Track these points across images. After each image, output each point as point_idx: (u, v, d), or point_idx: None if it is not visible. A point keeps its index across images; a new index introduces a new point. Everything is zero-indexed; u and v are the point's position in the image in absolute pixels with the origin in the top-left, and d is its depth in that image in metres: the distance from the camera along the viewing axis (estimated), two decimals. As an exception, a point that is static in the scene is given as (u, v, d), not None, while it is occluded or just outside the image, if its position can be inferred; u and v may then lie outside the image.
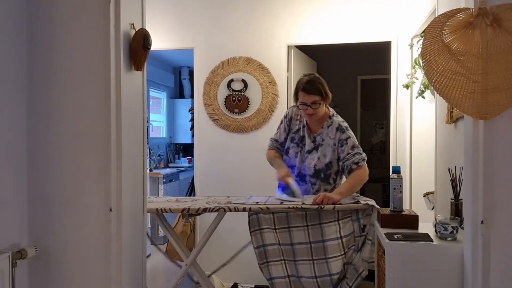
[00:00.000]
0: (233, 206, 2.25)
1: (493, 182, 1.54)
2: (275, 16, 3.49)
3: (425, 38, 1.66)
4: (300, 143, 2.48)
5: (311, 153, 2.44)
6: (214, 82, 3.57)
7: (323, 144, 2.42)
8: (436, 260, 1.71)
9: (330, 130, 2.42)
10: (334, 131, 2.40)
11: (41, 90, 1.74)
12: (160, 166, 5.74)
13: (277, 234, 2.25)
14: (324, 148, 2.41)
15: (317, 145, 2.44)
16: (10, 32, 1.67)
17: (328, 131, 2.42)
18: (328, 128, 2.43)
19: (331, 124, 2.43)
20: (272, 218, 2.26)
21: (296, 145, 2.49)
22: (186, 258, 2.48)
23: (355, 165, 2.33)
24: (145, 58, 1.88)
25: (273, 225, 2.26)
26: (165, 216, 2.52)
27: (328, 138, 2.42)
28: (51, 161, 1.74)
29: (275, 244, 2.26)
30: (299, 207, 2.20)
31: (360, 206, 2.21)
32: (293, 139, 2.50)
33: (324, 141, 2.42)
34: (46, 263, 1.76)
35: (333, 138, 2.40)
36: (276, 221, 2.26)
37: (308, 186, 2.46)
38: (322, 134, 2.44)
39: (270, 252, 2.26)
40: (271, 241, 2.26)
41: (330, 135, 2.41)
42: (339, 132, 2.39)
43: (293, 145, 2.50)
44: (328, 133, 2.42)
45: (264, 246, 2.26)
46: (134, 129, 1.89)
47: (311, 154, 2.44)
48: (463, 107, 1.57)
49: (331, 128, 2.42)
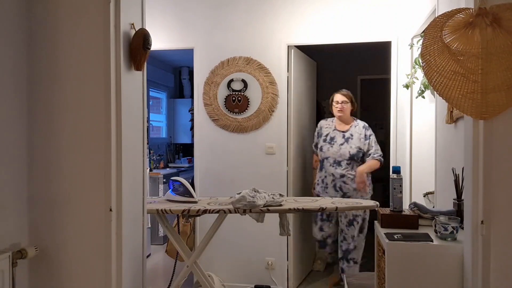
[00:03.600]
0: (234, 208, 2.25)
1: (493, 182, 1.54)
2: (275, 16, 3.48)
3: (425, 38, 1.66)
4: (332, 141, 3.50)
5: (343, 144, 3.45)
6: (214, 82, 3.57)
7: (352, 138, 3.45)
8: (436, 260, 1.71)
9: (357, 129, 3.49)
10: (361, 129, 3.49)
11: (41, 90, 1.74)
12: (160, 166, 5.74)
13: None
14: (354, 140, 3.44)
15: (347, 138, 3.46)
16: (10, 32, 1.67)
17: (356, 130, 3.49)
18: (355, 128, 3.50)
19: (357, 124, 3.52)
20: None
21: (328, 143, 3.51)
22: (187, 258, 2.48)
23: (376, 155, 3.43)
24: (145, 58, 1.88)
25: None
26: (166, 216, 2.52)
27: (356, 134, 3.47)
28: (51, 161, 1.74)
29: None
30: (300, 208, 2.21)
31: (362, 207, 2.22)
32: (325, 140, 3.55)
33: (353, 136, 3.46)
34: (46, 263, 1.76)
35: (360, 133, 3.46)
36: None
37: (345, 168, 3.42)
38: (350, 131, 3.49)
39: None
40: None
41: (358, 131, 3.48)
42: (364, 129, 3.49)
43: (324, 143, 3.53)
44: (356, 131, 3.48)
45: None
46: (134, 129, 1.89)
47: (343, 145, 3.45)
48: (463, 107, 1.57)
49: (358, 127, 3.50)
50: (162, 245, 4.61)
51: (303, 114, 4.00)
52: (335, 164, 3.44)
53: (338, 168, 3.43)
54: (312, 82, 4.46)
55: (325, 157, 3.50)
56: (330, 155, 3.46)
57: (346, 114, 3.51)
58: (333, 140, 3.50)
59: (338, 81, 5.89)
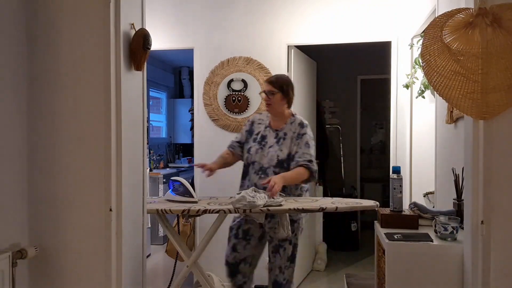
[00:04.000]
0: (233, 208, 2.24)
1: (493, 182, 1.54)
2: (275, 16, 3.48)
3: (425, 38, 1.66)
4: (262, 141, 2.66)
5: (273, 147, 2.62)
6: (214, 82, 3.57)
7: (286, 138, 2.62)
8: (436, 260, 1.71)
9: (293, 126, 2.65)
10: (296, 125, 2.64)
11: (41, 90, 1.74)
12: (160, 166, 5.74)
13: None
14: (287, 141, 2.61)
15: (279, 138, 2.63)
16: (10, 32, 1.67)
17: (291, 127, 2.65)
18: (291, 124, 2.65)
19: (294, 121, 2.67)
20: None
21: (258, 144, 2.67)
22: (187, 258, 2.48)
23: (301, 159, 2.53)
24: (145, 58, 1.88)
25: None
26: (166, 216, 2.52)
27: (290, 132, 2.63)
28: (51, 161, 1.74)
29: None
30: (300, 208, 2.21)
31: (362, 207, 2.22)
32: (255, 139, 2.70)
33: (287, 135, 2.63)
34: (46, 263, 1.76)
35: (294, 132, 2.63)
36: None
37: (267, 178, 2.49)
38: (285, 129, 2.65)
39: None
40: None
41: (293, 129, 2.64)
42: (299, 127, 2.63)
43: (254, 144, 2.69)
44: (291, 128, 2.64)
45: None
46: (134, 129, 1.89)
47: (273, 148, 2.61)
48: (463, 107, 1.57)
49: (294, 124, 2.65)
50: (162, 245, 4.60)
51: (303, 114, 3.99)
52: (260, 172, 2.59)
53: (262, 177, 2.54)
54: (312, 82, 4.46)
55: (252, 161, 2.64)
56: (257, 160, 2.62)
57: (277, 108, 2.63)
58: (264, 141, 2.66)
59: (338, 81, 5.91)
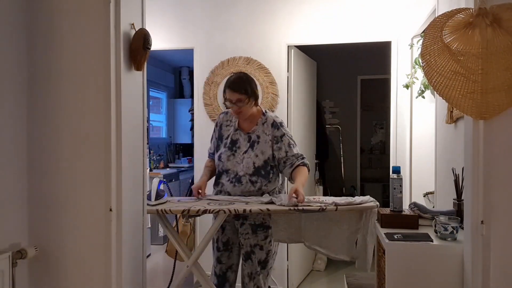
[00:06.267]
0: (233, 208, 2.24)
1: (493, 182, 1.54)
2: (275, 16, 3.48)
3: (425, 38, 1.66)
4: (234, 147, 2.41)
5: (247, 153, 2.37)
6: (214, 82, 3.57)
7: (259, 141, 2.38)
8: (436, 260, 1.71)
9: (265, 127, 2.39)
10: (269, 128, 2.39)
11: (41, 90, 1.74)
12: (160, 166, 5.74)
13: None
14: (261, 145, 2.37)
15: (253, 142, 2.38)
16: (10, 32, 1.67)
17: (264, 128, 2.39)
18: (263, 125, 2.40)
19: (265, 121, 2.41)
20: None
21: (229, 149, 2.42)
22: (187, 258, 2.48)
23: (299, 161, 2.36)
24: (145, 58, 1.88)
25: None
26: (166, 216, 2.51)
27: (264, 135, 2.38)
28: (51, 161, 1.74)
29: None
30: (300, 208, 2.21)
31: (364, 207, 2.22)
32: (226, 144, 2.44)
33: (260, 138, 2.38)
34: (46, 263, 1.76)
35: (269, 135, 2.38)
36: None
37: (246, 186, 2.36)
38: (256, 131, 2.40)
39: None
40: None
41: (266, 131, 2.39)
42: (274, 129, 2.38)
43: (225, 149, 2.43)
44: (264, 130, 2.39)
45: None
46: (134, 129, 1.89)
47: (247, 153, 2.37)
48: (463, 107, 1.57)
49: (266, 125, 2.40)
50: (162, 245, 4.61)
51: (303, 114, 3.99)
52: (234, 180, 2.38)
53: (237, 186, 2.37)
54: (312, 82, 4.46)
55: (225, 169, 2.42)
56: (230, 167, 2.39)
57: (247, 112, 2.37)
58: (236, 146, 2.41)
59: (338, 81, 5.92)
